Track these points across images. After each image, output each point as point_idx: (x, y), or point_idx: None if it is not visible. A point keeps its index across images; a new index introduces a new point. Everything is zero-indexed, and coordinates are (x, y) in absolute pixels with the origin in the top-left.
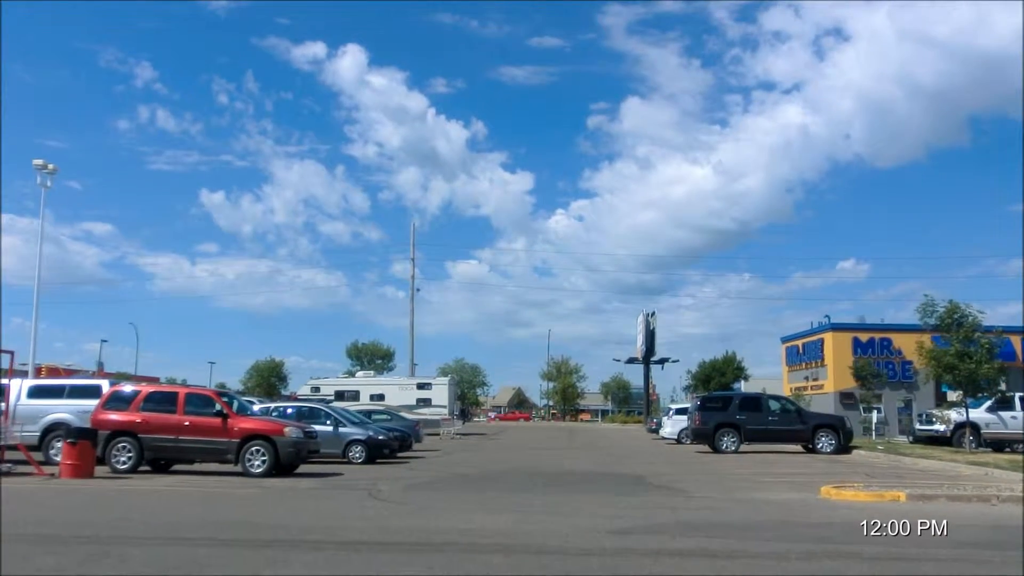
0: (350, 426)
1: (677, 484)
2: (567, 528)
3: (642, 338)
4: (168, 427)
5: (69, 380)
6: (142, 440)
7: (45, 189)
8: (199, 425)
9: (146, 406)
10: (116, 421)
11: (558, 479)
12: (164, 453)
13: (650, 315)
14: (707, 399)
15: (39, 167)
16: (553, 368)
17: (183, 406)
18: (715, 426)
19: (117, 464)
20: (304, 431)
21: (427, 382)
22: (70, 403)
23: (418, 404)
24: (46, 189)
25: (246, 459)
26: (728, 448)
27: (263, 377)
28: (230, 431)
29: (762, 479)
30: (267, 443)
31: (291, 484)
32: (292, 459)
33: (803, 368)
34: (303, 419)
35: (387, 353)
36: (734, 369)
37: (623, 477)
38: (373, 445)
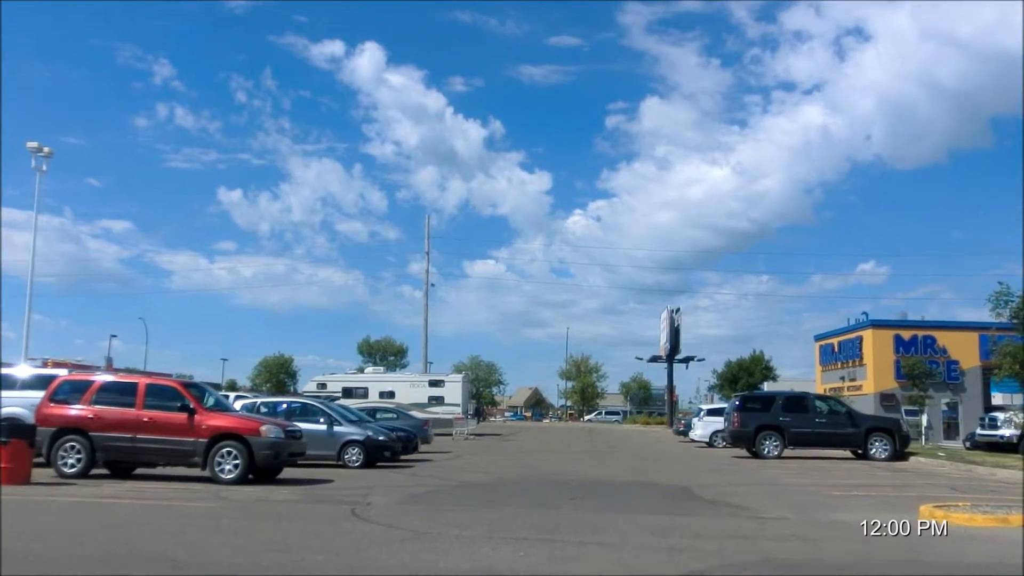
0: (347, 425)
1: (733, 499)
2: (616, 569)
3: (666, 335)
4: (124, 424)
5: (24, 371)
6: (93, 439)
7: (40, 173)
8: (161, 422)
9: (100, 399)
10: (63, 416)
11: (588, 490)
12: (119, 454)
13: (675, 311)
14: (747, 399)
15: (34, 150)
16: (572, 367)
17: (143, 399)
18: (756, 428)
19: (64, 467)
20: (286, 430)
21: (440, 379)
22: (24, 395)
23: (430, 402)
24: (41, 173)
25: (215, 462)
26: (770, 453)
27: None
28: (197, 429)
29: (830, 492)
30: (240, 444)
31: (262, 495)
32: (270, 463)
33: (839, 368)
34: (294, 416)
35: (400, 350)
36: (762, 369)
37: (665, 488)
38: (372, 447)
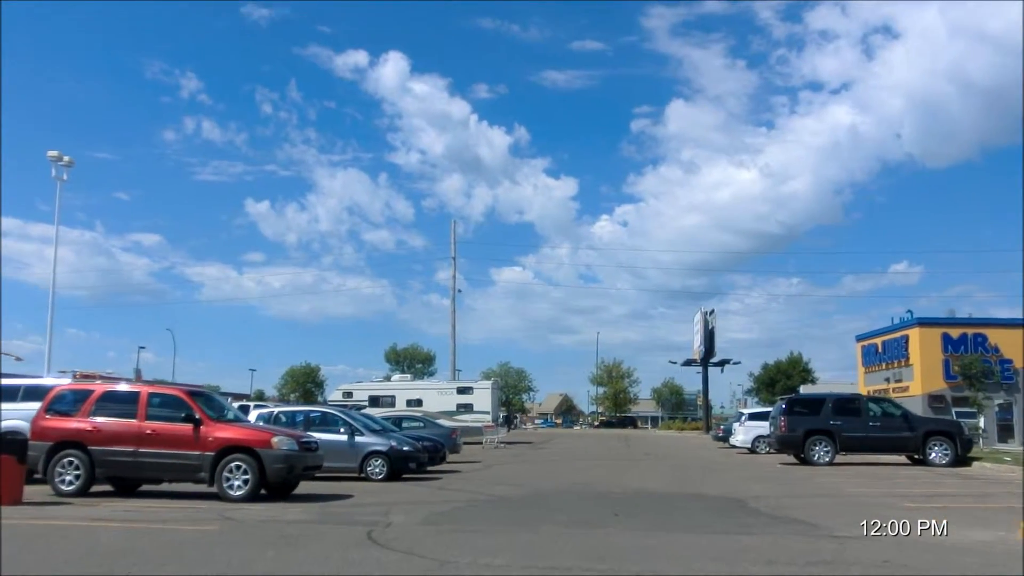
0: (369, 435)
1: (796, 513)
2: None
3: (700, 338)
4: (126, 437)
5: (24, 381)
6: (93, 454)
7: (60, 182)
8: (164, 434)
9: (99, 410)
10: (60, 429)
11: (632, 504)
12: (121, 470)
13: (708, 313)
14: (794, 402)
15: (54, 159)
16: (603, 372)
17: (145, 410)
18: (805, 433)
19: (61, 484)
20: (300, 441)
21: (468, 386)
22: (25, 407)
23: (458, 410)
24: (61, 182)
25: (223, 478)
26: (821, 459)
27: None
28: (203, 442)
29: (902, 504)
30: (250, 457)
31: (271, 515)
32: (283, 477)
33: (883, 368)
34: (313, 426)
35: (427, 357)
36: (800, 371)
37: (716, 501)
38: (396, 458)
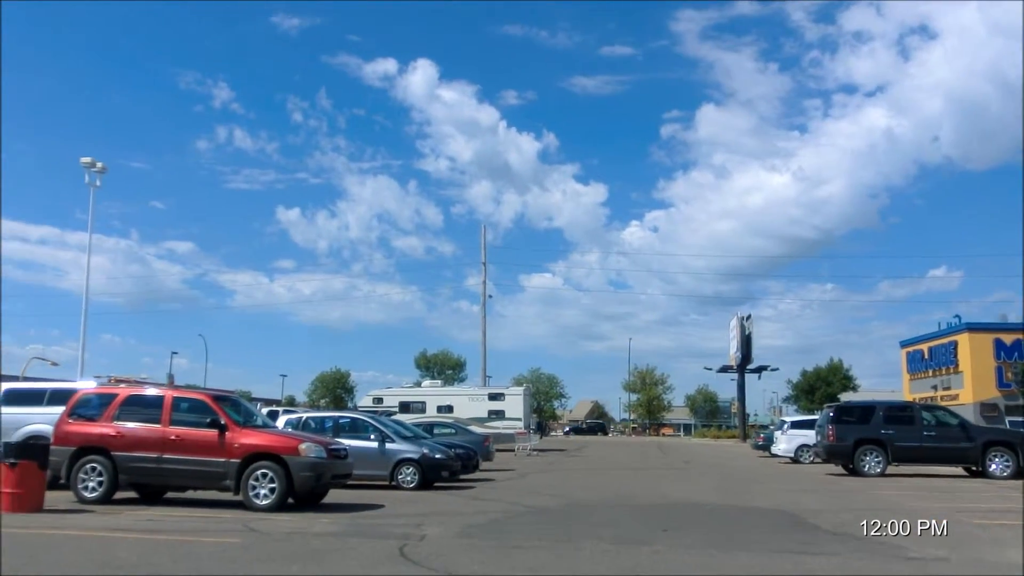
0: (400, 442)
1: (859, 529)
2: None
3: (736, 344)
4: (150, 442)
5: (50, 384)
6: (116, 460)
7: (94, 188)
8: (188, 440)
9: (123, 414)
10: (83, 434)
11: (680, 517)
12: (145, 476)
13: (745, 318)
14: (843, 410)
15: (87, 165)
16: (637, 379)
17: (169, 414)
18: (855, 442)
19: (84, 491)
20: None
21: (500, 392)
22: (50, 411)
23: (490, 416)
24: (95, 188)
25: (249, 486)
26: (872, 470)
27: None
28: (228, 448)
29: (970, 521)
30: (277, 465)
31: (297, 526)
32: (312, 486)
33: (930, 375)
34: (343, 433)
35: (457, 363)
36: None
37: (769, 515)
38: (428, 465)
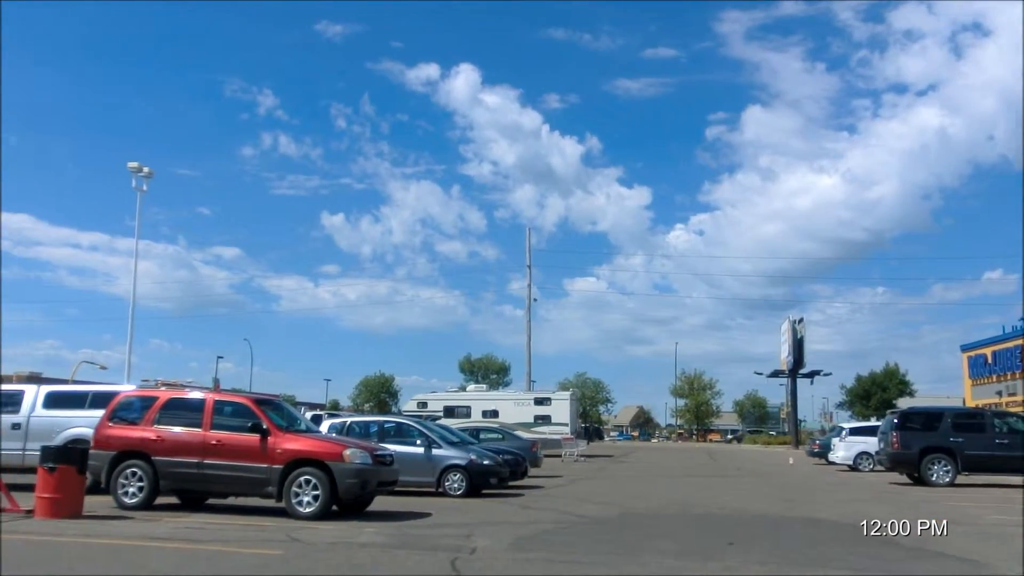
0: (447, 447)
1: (940, 545)
2: None
3: (788, 348)
4: (191, 447)
5: (92, 387)
6: (156, 464)
7: (141, 193)
8: (230, 445)
9: (164, 418)
10: (123, 438)
11: (743, 529)
12: (185, 482)
13: (797, 322)
14: (908, 416)
15: (134, 170)
16: (684, 383)
17: (211, 418)
18: (921, 451)
19: (124, 497)
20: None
21: (546, 397)
22: (92, 414)
23: (536, 421)
24: (142, 193)
25: (292, 493)
26: (940, 479)
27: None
28: (271, 454)
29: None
30: (321, 471)
31: (341, 535)
32: (356, 493)
33: (994, 381)
34: (388, 438)
35: (502, 367)
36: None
37: (838, 527)
38: (476, 472)
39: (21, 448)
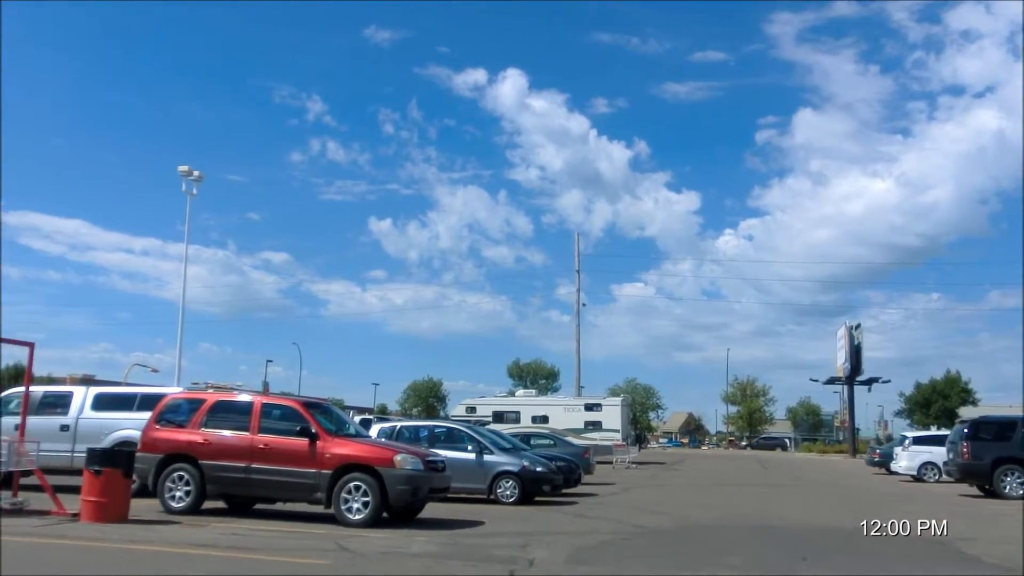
0: (499, 453)
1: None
2: None
3: (844, 354)
4: (238, 451)
5: (141, 389)
6: (204, 468)
7: (191, 196)
8: (277, 449)
9: (211, 421)
10: (170, 441)
11: (813, 544)
12: (232, 487)
13: (854, 328)
14: (979, 425)
15: (184, 174)
16: (737, 390)
17: (258, 421)
18: (993, 461)
19: (171, 501)
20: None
21: (597, 402)
22: (141, 416)
23: (586, 427)
24: (191, 196)
25: (341, 499)
26: (1014, 492)
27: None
28: (320, 459)
29: None
30: (371, 477)
31: (392, 544)
32: (408, 500)
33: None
34: (438, 443)
35: (551, 372)
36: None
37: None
38: (529, 479)
39: (70, 450)
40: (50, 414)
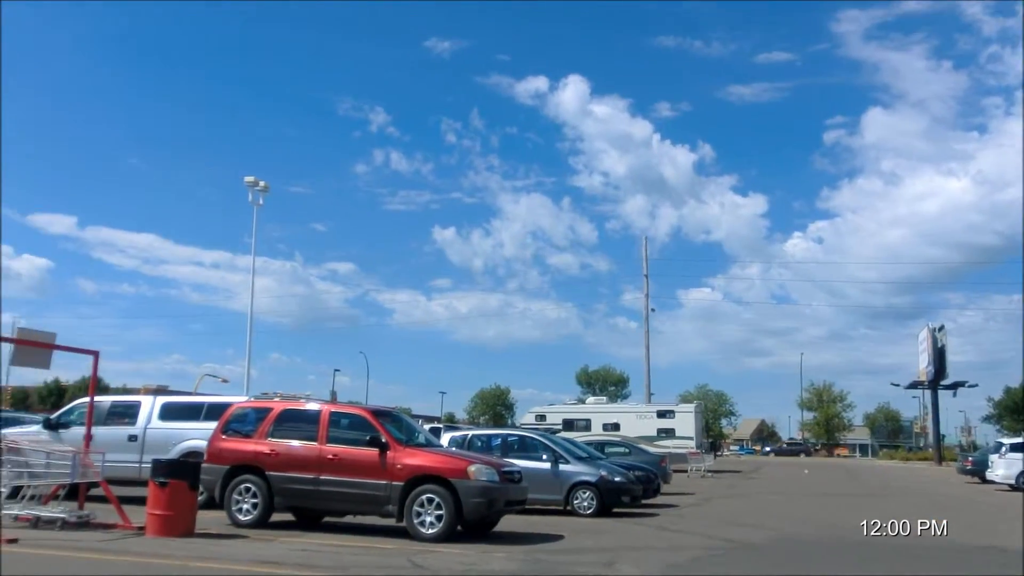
0: (575, 463)
1: None
2: None
3: (927, 358)
4: (306, 462)
5: (208, 398)
6: (271, 480)
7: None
8: (347, 460)
9: (278, 430)
10: (237, 452)
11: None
12: (300, 499)
13: (937, 330)
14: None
15: (250, 184)
16: (813, 396)
17: (327, 431)
18: None
19: (238, 514)
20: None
21: (669, 409)
22: (208, 426)
23: (659, 435)
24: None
25: (413, 512)
26: None
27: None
28: (391, 470)
29: None
30: (444, 489)
31: (469, 561)
32: (483, 513)
33: None
34: (511, 452)
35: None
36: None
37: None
38: (608, 489)
39: (138, 461)
40: (118, 424)
